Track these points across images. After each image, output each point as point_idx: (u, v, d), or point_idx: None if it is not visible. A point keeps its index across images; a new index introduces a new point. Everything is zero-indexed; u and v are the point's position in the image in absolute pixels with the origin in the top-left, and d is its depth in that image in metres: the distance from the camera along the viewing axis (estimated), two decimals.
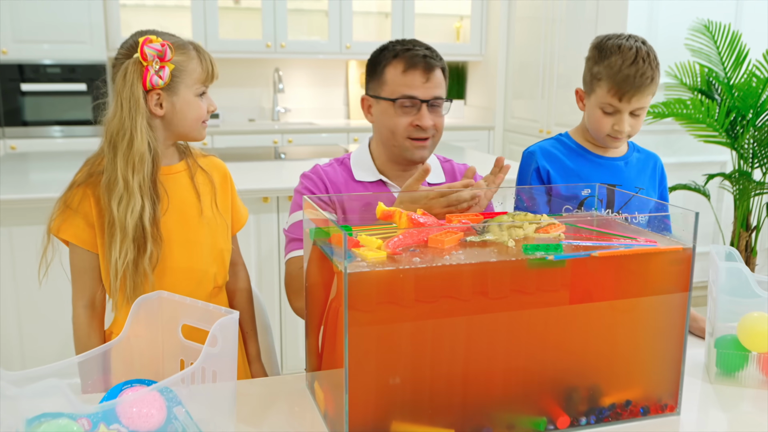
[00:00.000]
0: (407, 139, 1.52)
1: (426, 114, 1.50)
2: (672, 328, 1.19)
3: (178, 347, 1.09)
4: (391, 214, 1.18)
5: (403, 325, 1.05)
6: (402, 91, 1.50)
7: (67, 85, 4.23)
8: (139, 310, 1.08)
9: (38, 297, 2.53)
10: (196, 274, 1.40)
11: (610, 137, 1.64)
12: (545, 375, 1.15)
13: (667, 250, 1.15)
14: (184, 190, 1.41)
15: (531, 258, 1.08)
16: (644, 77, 1.56)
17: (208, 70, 1.37)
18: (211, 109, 1.40)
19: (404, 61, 1.51)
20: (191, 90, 1.36)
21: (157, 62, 1.31)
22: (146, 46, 1.30)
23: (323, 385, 1.20)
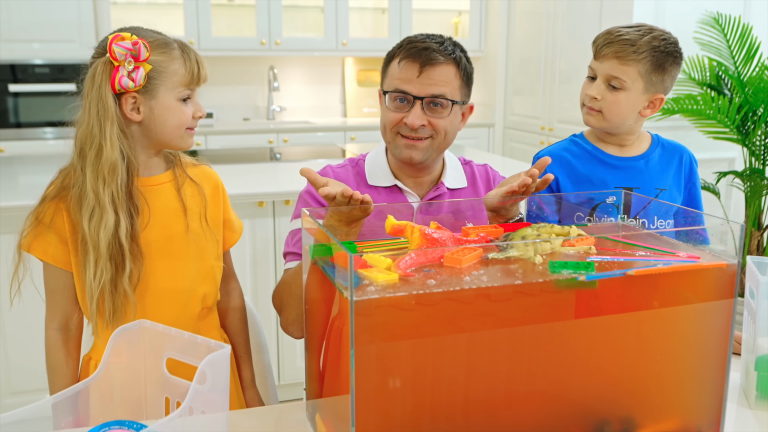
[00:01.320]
0: (397, 135, 1.41)
1: (416, 112, 1.37)
2: (714, 352, 1.07)
3: (163, 383, 0.97)
4: (402, 229, 1.06)
5: (416, 356, 0.93)
6: (395, 85, 1.39)
7: (56, 86, 4.09)
8: (118, 341, 0.96)
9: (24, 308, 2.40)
10: (183, 295, 1.28)
11: (585, 108, 1.53)
12: (574, 405, 1.03)
13: (708, 266, 1.04)
14: (169, 203, 1.28)
15: (559, 279, 0.96)
16: (623, 38, 1.45)
17: (193, 71, 1.23)
18: (198, 114, 1.26)
19: (403, 53, 1.40)
20: (172, 93, 1.22)
21: (131, 62, 1.18)
22: (115, 44, 1.17)
23: (325, 417, 1.08)
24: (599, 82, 1.49)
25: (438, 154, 1.45)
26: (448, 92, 1.39)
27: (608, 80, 1.48)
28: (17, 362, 2.44)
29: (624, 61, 1.45)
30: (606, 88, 1.48)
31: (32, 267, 1.28)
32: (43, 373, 1.30)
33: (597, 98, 1.49)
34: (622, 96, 1.47)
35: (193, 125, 1.27)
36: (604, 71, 1.48)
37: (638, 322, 1.02)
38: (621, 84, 1.47)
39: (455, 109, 1.41)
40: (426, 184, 1.51)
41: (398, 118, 1.39)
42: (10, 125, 4.09)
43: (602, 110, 1.50)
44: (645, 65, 1.46)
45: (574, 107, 4.31)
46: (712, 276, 1.05)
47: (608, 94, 1.48)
